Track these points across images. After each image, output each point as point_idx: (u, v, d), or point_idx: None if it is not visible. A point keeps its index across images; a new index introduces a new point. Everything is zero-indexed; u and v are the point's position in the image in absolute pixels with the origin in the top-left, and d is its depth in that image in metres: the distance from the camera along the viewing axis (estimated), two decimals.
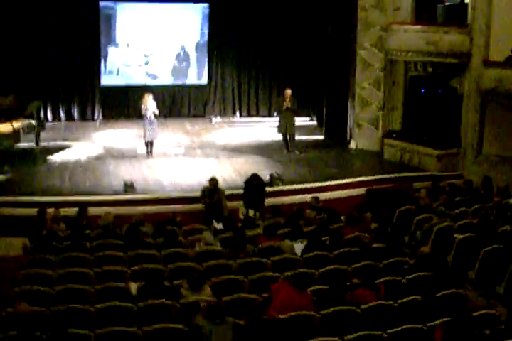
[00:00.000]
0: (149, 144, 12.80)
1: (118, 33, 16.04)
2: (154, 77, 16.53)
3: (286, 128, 13.29)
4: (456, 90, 12.56)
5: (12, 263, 7.80)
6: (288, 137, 13.44)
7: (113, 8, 15.85)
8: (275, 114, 15.57)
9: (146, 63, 16.43)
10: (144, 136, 12.74)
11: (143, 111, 12.66)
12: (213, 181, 9.69)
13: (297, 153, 13.39)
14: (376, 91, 13.77)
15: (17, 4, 14.41)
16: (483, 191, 10.08)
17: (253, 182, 9.81)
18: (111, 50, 16.08)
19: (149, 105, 12.66)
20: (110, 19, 15.88)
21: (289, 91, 13.34)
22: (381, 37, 13.36)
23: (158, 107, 16.23)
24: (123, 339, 5.48)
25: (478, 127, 12.14)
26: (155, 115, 12.75)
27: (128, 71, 16.34)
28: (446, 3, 12.75)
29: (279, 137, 13.83)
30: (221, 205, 9.47)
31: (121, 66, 16.29)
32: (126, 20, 16.05)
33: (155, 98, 16.18)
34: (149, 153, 12.81)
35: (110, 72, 16.19)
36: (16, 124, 11.98)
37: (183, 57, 16.60)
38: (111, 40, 16.04)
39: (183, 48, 16.56)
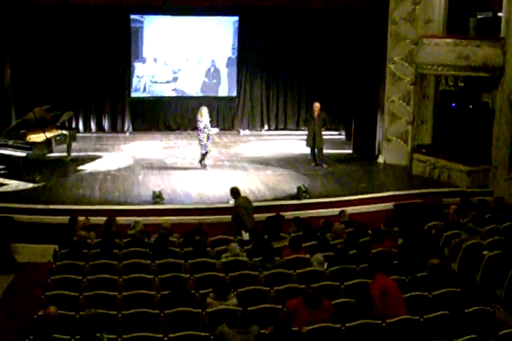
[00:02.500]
0: (204, 155, 12.92)
1: (145, 47, 15.89)
2: (183, 93, 16.41)
3: (314, 141, 13.31)
4: (488, 105, 12.40)
5: (43, 269, 7.95)
6: (316, 150, 13.46)
7: (140, 21, 15.75)
8: (303, 128, 15.63)
9: (175, 79, 16.29)
10: (203, 148, 12.79)
11: (199, 124, 12.68)
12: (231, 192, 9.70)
13: (325, 166, 13.38)
14: (406, 105, 13.71)
15: (50, 19, 14.83)
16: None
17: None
18: (138, 65, 15.94)
19: (205, 118, 12.74)
20: (137, 33, 15.77)
21: (317, 105, 13.36)
22: (411, 50, 13.32)
23: (187, 118, 16.68)
24: None
25: (509, 143, 11.94)
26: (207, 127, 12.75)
27: (155, 87, 16.19)
28: (479, 16, 12.63)
29: (307, 151, 13.86)
30: (239, 218, 9.43)
31: (148, 82, 16.15)
32: (154, 35, 15.86)
33: (184, 110, 16.59)
34: (203, 164, 12.93)
35: (137, 89, 16.09)
36: (49, 134, 12.23)
37: (213, 73, 16.48)
38: (137, 56, 15.89)
39: (213, 64, 16.46)
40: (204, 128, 12.65)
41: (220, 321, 5.69)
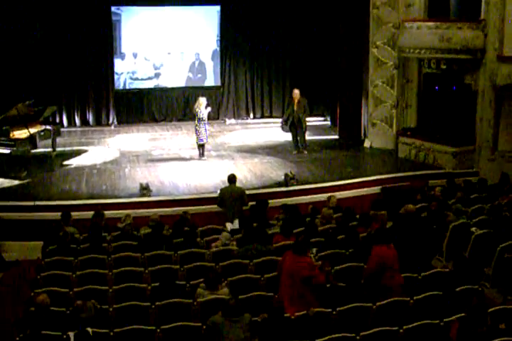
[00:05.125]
0: (201, 147, 12.82)
1: (124, 42, 15.48)
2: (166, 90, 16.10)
3: (297, 128, 13.14)
4: (471, 87, 12.46)
5: (32, 266, 7.91)
6: (298, 137, 13.26)
7: (118, 14, 15.35)
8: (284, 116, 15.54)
9: (157, 75, 15.93)
10: (198, 139, 12.69)
11: (199, 115, 12.54)
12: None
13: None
14: (390, 89, 13.74)
15: (32, 13, 14.63)
16: (499, 187, 9.99)
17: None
18: (116, 62, 15.51)
19: (203, 108, 12.62)
20: (115, 27, 15.34)
21: (296, 91, 13.12)
22: (394, 34, 13.32)
23: (172, 109, 16.58)
24: (141, 337, 5.55)
25: (493, 123, 12.02)
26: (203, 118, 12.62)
27: (136, 85, 15.86)
28: None
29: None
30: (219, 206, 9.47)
31: (128, 79, 15.80)
32: (132, 28, 15.43)
33: (169, 101, 16.48)
34: (202, 155, 12.85)
35: (117, 86, 15.74)
36: (32, 130, 12.11)
37: (197, 68, 16.18)
38: (116, 51, 15.45)
39: (197, 57, 16.16)
40: (202, 118, 12.52)
41: (212, 311, 5.71)
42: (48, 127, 12.76)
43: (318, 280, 6.25)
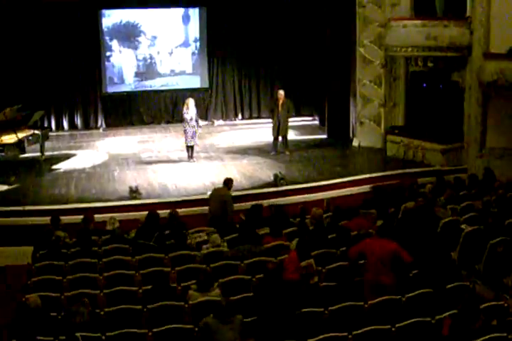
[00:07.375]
0: (190, 148, 12.80)
1: (110, 45, 15.51)
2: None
3: (279, 130, 13.12)
4: (458, 84, 12.55)
5: (22, 271, 7.85)
6: (280, 139, 13.26)
7: (104, 17, 15.29)
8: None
9: (144, 78, 15.89)
10: (186, 141, 12.68)
11: (185, 116, 12.54)
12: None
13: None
14: (377, 87, 13.78)
15: (19, 17, 14.55)
16: (484, 184, 10.04)
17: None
18: (103, 65, 15.49)
19: (191, 110, 12.58)
20: (102, 30, 15.32)
21: (281, 92, 13.08)
22: (380, 33, 13.37)
23: (160, 112, 16.55)
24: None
25: (481, 120, 12.10)
26: (196, 120, 12.60)
27: (124, 88, 15.78)
28: None
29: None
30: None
31: (115, 82, 15.73)
32: (119, 31, 15.43)
33: (157, 103, 16.46)
34: (191, 157, 12.82)
35: (104, 90, 15.68)
36: (21, 135, 12.07)
37: (185, 70, 16.21)
38: (103, 54, 15.46)
39: (186, 59, 16.17)
40: (190, 120, 12.51)
41: (204, 313, 5.69)
42: (37, 131, 12.71)
43: (288, 275, 6.29)
